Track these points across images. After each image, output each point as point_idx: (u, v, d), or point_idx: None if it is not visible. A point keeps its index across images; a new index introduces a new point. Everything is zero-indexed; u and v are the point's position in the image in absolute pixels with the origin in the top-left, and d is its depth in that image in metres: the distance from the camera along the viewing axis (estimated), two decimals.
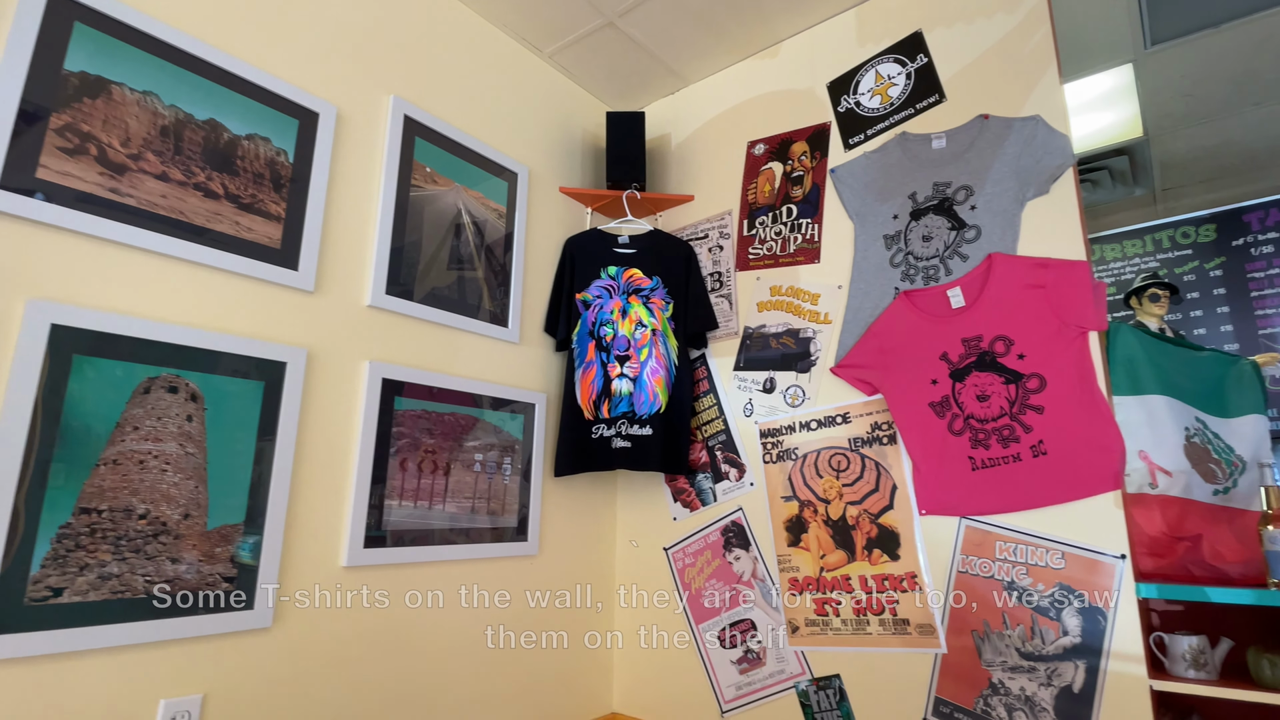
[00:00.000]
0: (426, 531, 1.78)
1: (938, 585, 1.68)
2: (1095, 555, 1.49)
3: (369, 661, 1.61)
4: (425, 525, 1.78)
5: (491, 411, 2.01)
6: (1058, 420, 1.58)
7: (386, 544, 1.68)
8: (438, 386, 1.87)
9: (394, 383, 1.76)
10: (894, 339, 1.85)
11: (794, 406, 2.04)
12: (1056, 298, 1.62)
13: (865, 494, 1.85)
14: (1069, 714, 1.46)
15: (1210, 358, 1.81)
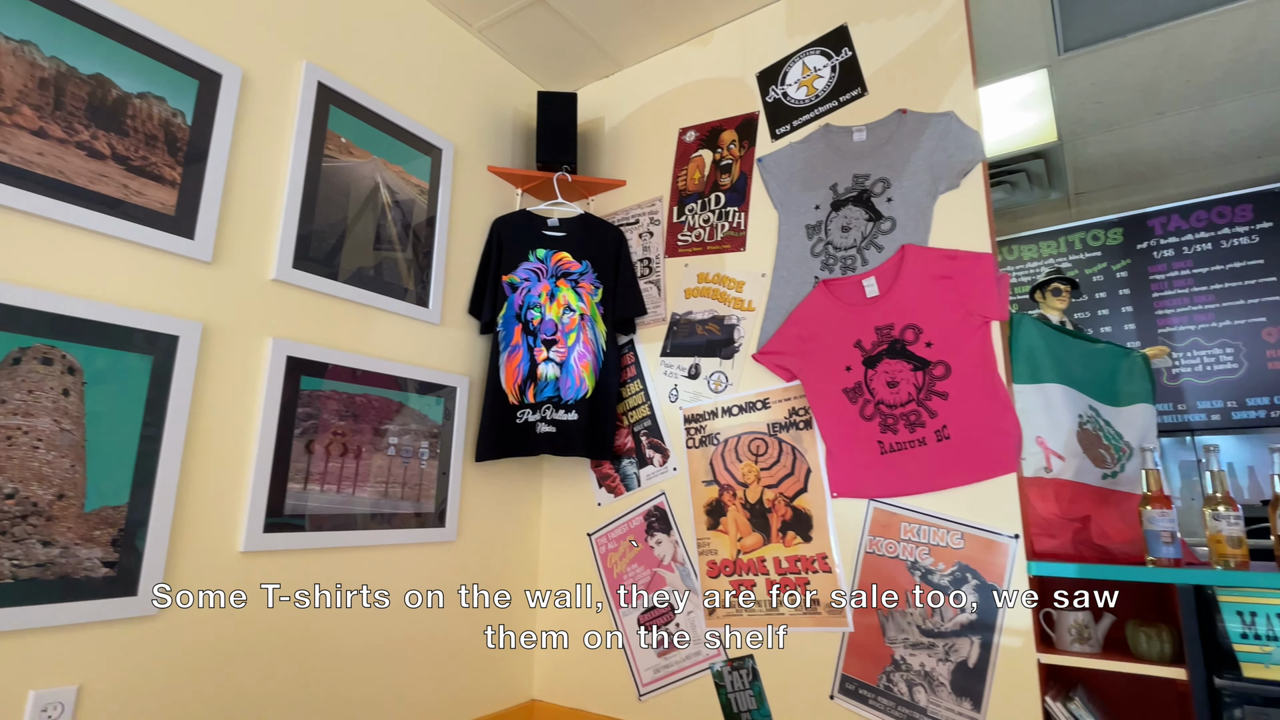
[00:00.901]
0: (336, 517, 1.72)
1: (847, 566, 1.73)
2: (992, 535, 1.55)
3: (269, 653, 1.55)
4: (334, 510, 1.72)
5: (409, 394, 1.95)
6: (961, 406, 1.64)
7: (290, 529, 1.61)
8: (350, 367, 1.80)
9: (300, 361, 1.68)
10: (812, 327, 1.88)
11: (717, 392, 2.06)
12: (963, 288, 1.67)
13: (781, 477, 1.88)
14: (964, 687, 1.52)
15: (1105, 350, 1.92)
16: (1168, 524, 1.41)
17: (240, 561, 1.52)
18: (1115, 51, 2.48)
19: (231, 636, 1.48)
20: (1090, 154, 3.21)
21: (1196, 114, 2.86)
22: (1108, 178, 3.46)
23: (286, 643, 1.58)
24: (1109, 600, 1.62)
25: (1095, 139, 3.06)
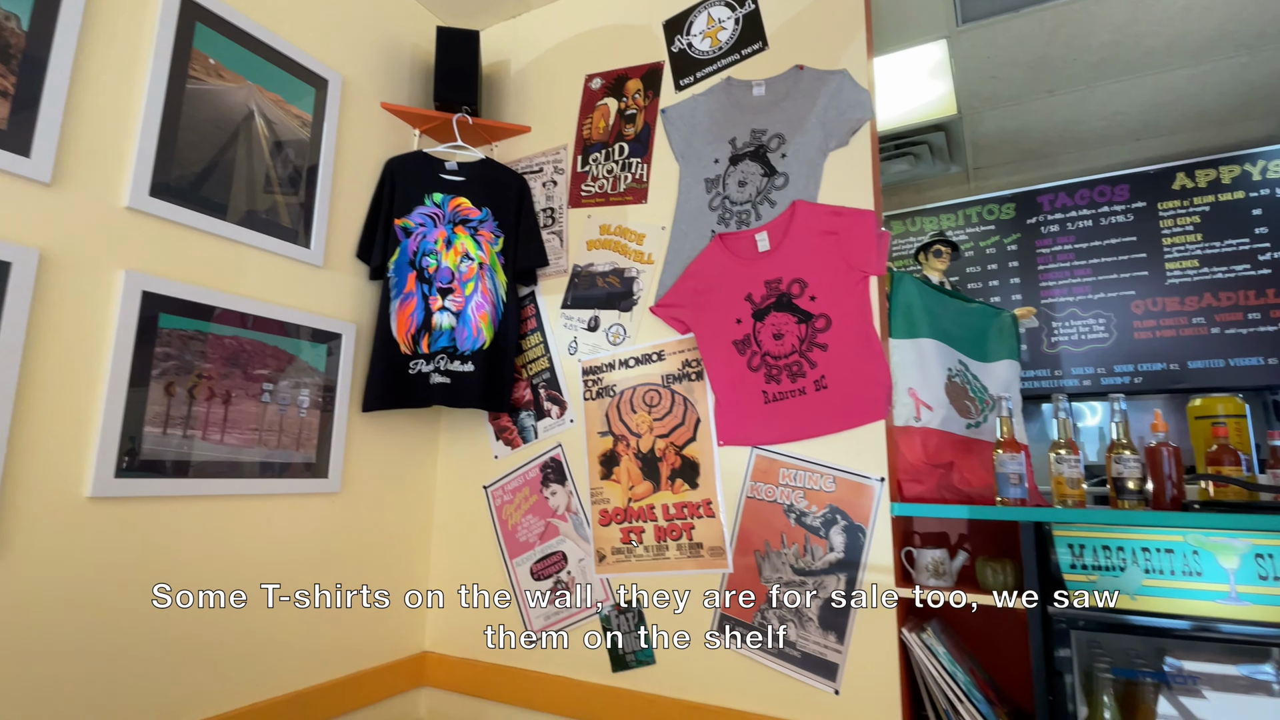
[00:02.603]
0: (203, 464, 1.62)
1: (729, 511, 1.78)
2: (860, 479, 1.63)
3: (120, 602, 1.46)
4: (201, 457, 1.62)
5: (288, 339, 1.86)
6: (838, 357, 1.70)
7: (147, 475, 1.51)
8: (218, 306, 1.69)
9: (158, 297, 1.57)
10: (707, 280, 1.90)
11: (615, 345, 2.06)
12: (846, 244, 1.72)
13: (673, 427, 1.90)
14: (829, 622, 1.60)
15: (978, 309, 2.02)
16: (1016, 467, 1.52)
17: (89, 508, 1.42)
18: (1009, 26, 2.58)
19: (78, 585, 1.39)
20: (987, 129, 3.35)
21: (1082, 94, 3.02)
22: (1003, 154, 3.63)
23: (139, 592, 1.49)
24: (967, 540, 1.74)
25: (991, 114, 3.20)
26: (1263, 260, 3.31)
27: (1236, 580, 1.19)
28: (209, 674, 1.61)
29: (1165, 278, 3.48)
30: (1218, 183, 3.44)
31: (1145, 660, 1.43)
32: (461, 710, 2.10)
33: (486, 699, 2.06)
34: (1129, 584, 1.26)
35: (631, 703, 1.82)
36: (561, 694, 1.93)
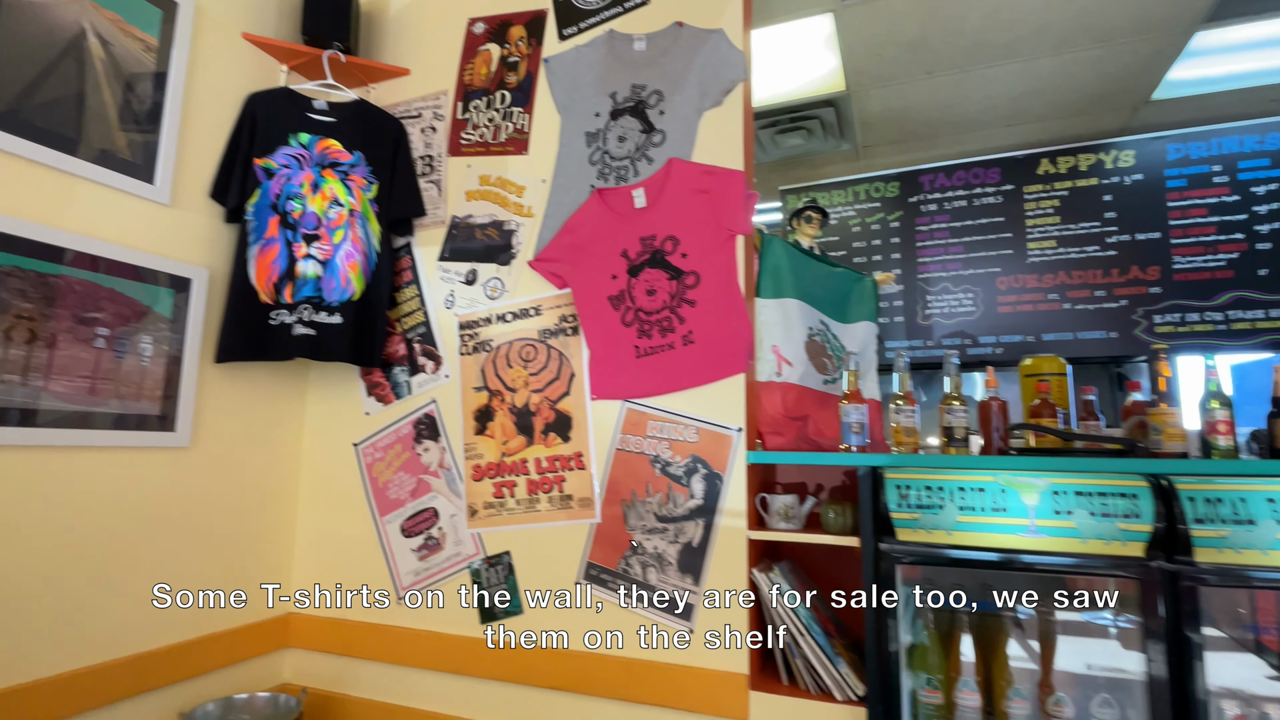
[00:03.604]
0: (18, 411, 1.48)
1: (599, 463, 1.81)
2: (721, 429, 1.69)
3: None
4: (18, 404, 1.48)
5: (128, 281, 1.71)
6: (705, 313, 1.74)
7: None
8: (40, 241, 1.54)
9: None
10: (586, 235, 1.90)
11: (493, 299, 2.03)
12: (716, 203, 1.76)
13: (548, 382, 1.90)
14: (688, 564, 1.67)
15: (842, 274, 2.12)
16: (859, 417, 1.62)
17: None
18: (890, 4, 2.68)
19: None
20: (874, 107, 3.49)
21: (958, 77, 3.20)
22: (889, 133, 3.80)
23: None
24: (821, 488, 1.84)
25: (877, 92, 3.33)
26: (1110, 243, 3.64)
27: (1036, 515, 1.32)
28: (33, 635, 1.49)
29: (1027, 256, 3.77)
30: (1076, 169, 3.73)
31: (964, 592, 1.58)
32: (329, 670, 2.05)
33: (355, 657, 2.02)
34: (945, 520, 1.37)
35: (498, 653, 1.83)
36: (431, 649, 1.92)
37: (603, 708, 1.70)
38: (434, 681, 1.93)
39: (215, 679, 1.88)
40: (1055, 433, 1.53)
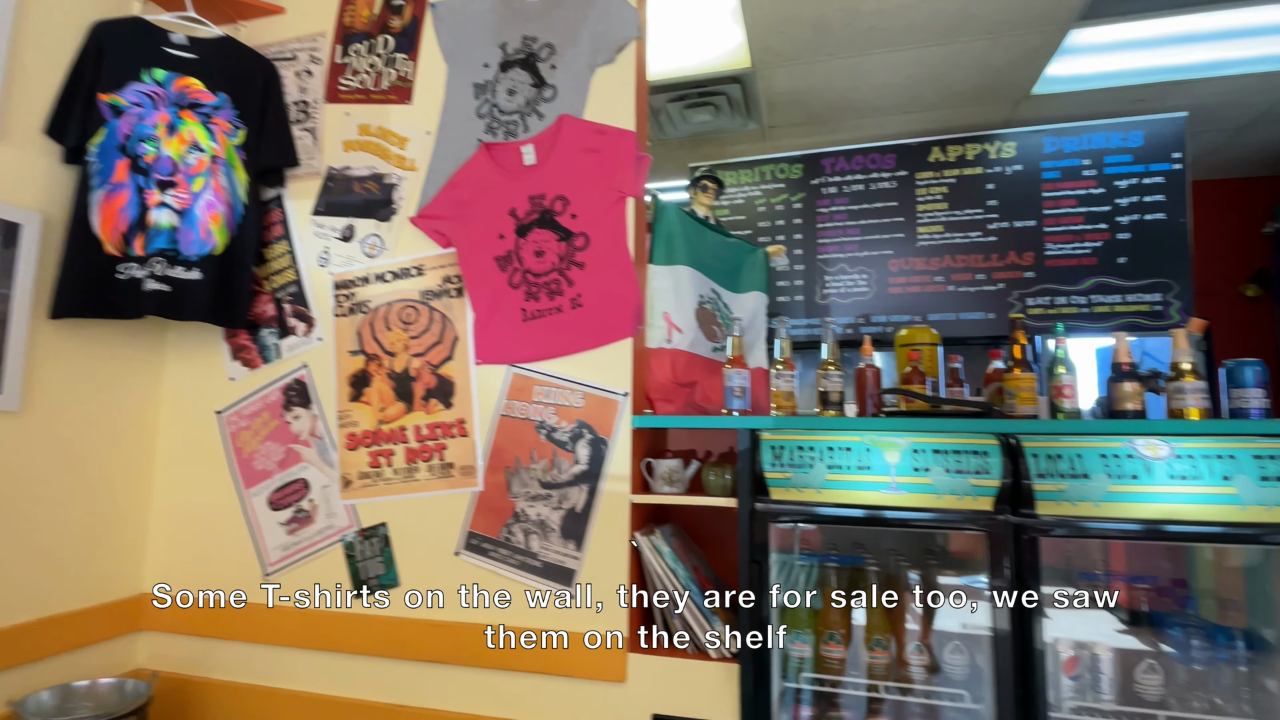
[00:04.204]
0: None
1: (483, 429, 1.75)
2: (607, 394, 1.66)
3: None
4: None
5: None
6: (594, 276, 1.70)
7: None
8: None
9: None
10: (471, 192, 1.81)
11: (371, 257, 1.91)
12: (607, 163, 1.72)
13: (429, 346, 1.82)
14: (571, 531, 1.64)
15: (735, 244, 2.14)
16: (741, 381, 1.63)
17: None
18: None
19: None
20: (779, 86, 3.53)
21: (857, 60, 3.28)
22: (793, 114, 3.86)
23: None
24: (711, 453, 1.86)
25: (782, 71, 3.37)
26: (991, 229, 3.86)
27: (897, 472, 1.37)
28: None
29: (917, 240, 3.95)
30: (964, 158, 3.93)
31: (834, 549, 1.63)
32: (189, 652, 1.91)
33: (217, 638, 1.89)
34: (815, 479, 1.41)
35: (373, 627, 1.75)
36: (300, 626, 1.82)
37: (481, 678, 1.66)
38: (304, 660, 1.83)
39: (55, 665, 1.71)
40: (920, 397, 1.60)
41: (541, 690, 1.62)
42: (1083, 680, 1.37)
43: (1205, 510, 1.23)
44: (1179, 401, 1.40)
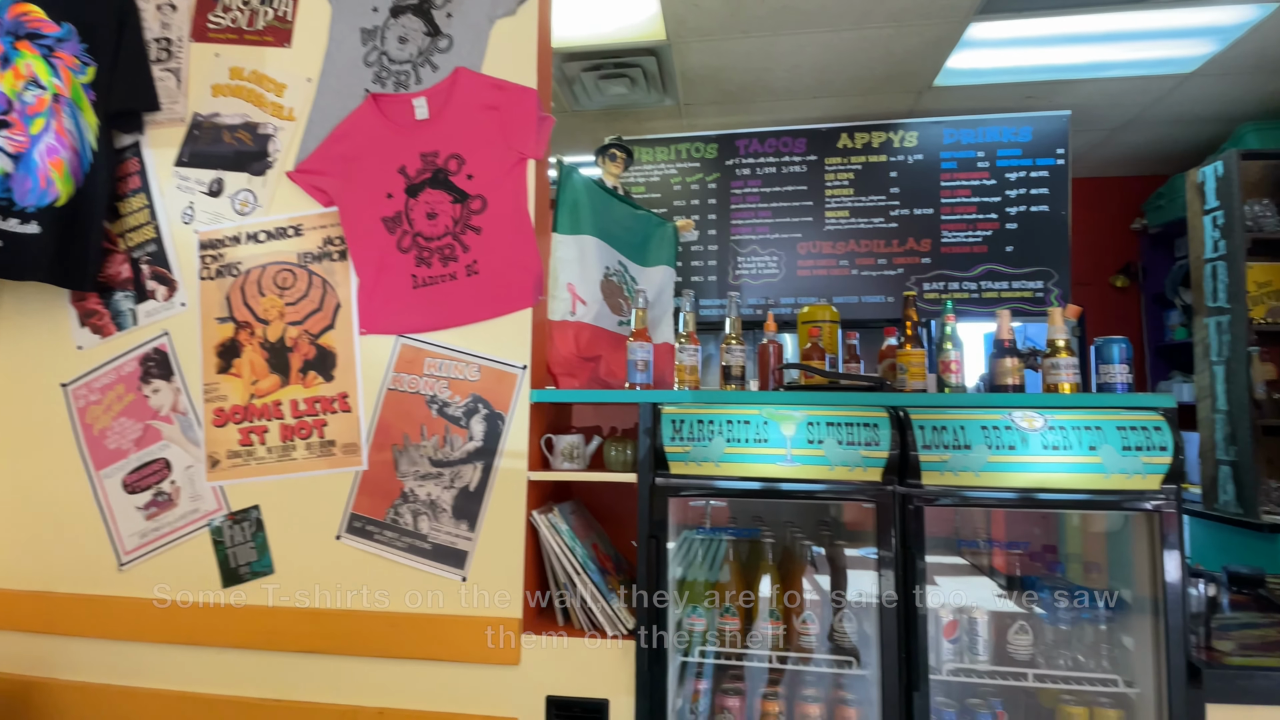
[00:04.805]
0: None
1: (368, 404, 1.63)
2: (505, 367, 1.58)
3: None
4: None
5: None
6: (492, 241, 1.61)
7: None
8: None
9: None
10: (357, 146, 1.67)
11: (243, 214, 1.73)
12: (506, 121, 1.62)
13: (308, 314, 1.67)
14: (463, 510, 1.56)
15: (644, 216, 2.09)
16: (644, 355, 1.59)
17: None
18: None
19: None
20: (694, 61, 3.49)
21: (770, 40, 3.28)
22: (708, 92, 3.84)
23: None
24: (616, 428, 1.81)
25: (697, 46, 3.33)
26: (893, 216, 3.99)
27: (792, 445, 1.38)
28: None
29: (824, 224, 4.04)
30: (870, 146, 4.04)
31: (731, 522, 1.63)
32: (32, 651, 1.70)
33: (66, 635, 1.69)
34: (714, 452, 1.39)
35: (245, 618, 1.61)
36: (162, 620, 1.65)
37: (365, 667, 1.56)
38: (169, 656, 1.66)
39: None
40: (817, 371, 1.61)
41: (430, 677, 1.54)
42: (961, 643, 1.42)
43: (1074, 479, 1.30)
44: (1054, 377, 1.47)
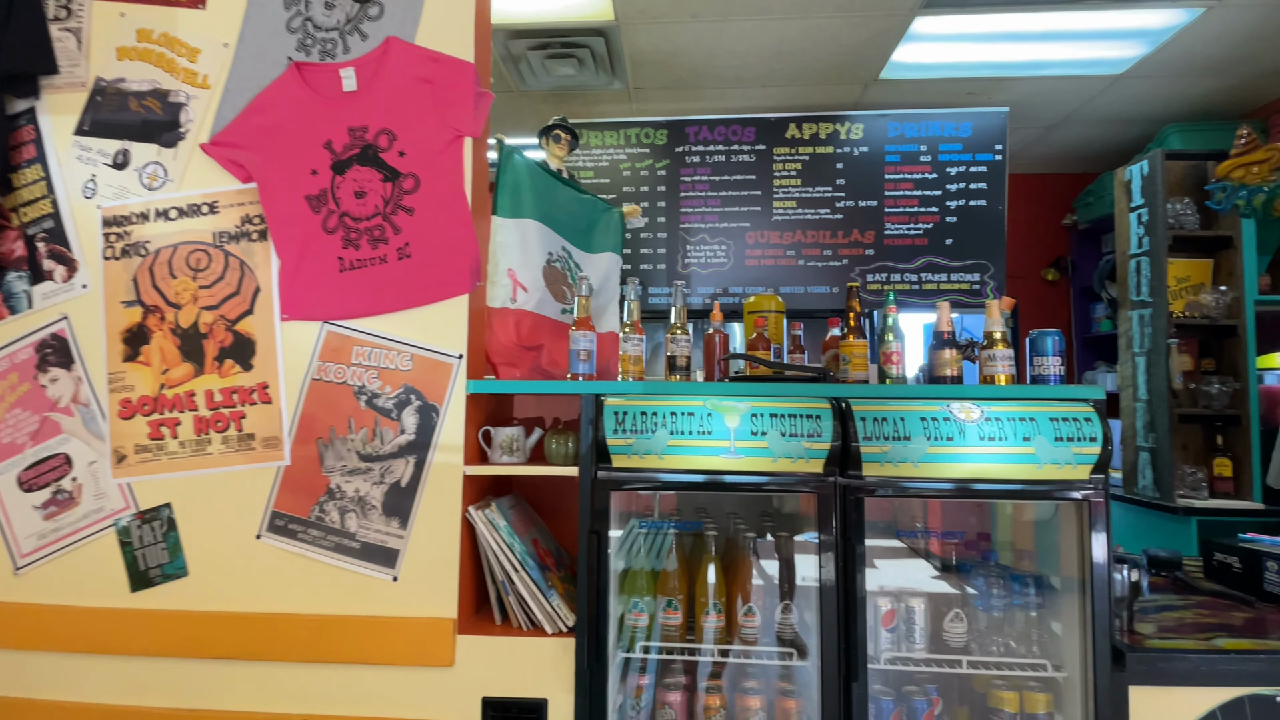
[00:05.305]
0: None
1: (290, 395, 1.53)
2: (439, 356, 1.51)
3: None
4: None
5: None
6: (425, 223, 1.53)
7: None
8: None
9: None
10: (279, 118, 1.56)
11: (152, 189, 1.60)
12: (441, 96, 1.54)
13: (224, 298, 1.56)
14: (394, 507, 1.49)
15: (590, 201, 2.03)
16: (586, 345, 1.55)
17: None
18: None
19: None
20: (643, 44, 3.43)
21: (719, 26, 3.25)
22: (658, 77, 3.79)
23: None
24: (559, 420, 1.76)
25: (646, 28, 3.27)
26: (839, 207, 4.03)
27: (736, 437, 1.35)
28: None
29: (772, 214, 4.05)
30: (817, 137, 4.06)
31: (675, 515, 1.60)
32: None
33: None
34: (657, 444, 1.36)
35: (156, 623, 1.50)
36: (63, 627, 1.52)
37: (289, 673, 1.48)
38: (71, 666, 1.54)
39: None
40: (762, 362, 1.59)
41: (360, 682, 1.46)
42: (898, 631, 1.44)
43: (1009, 469, 1.32)
44: (990, 368, 1.49)
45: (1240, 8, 2.85)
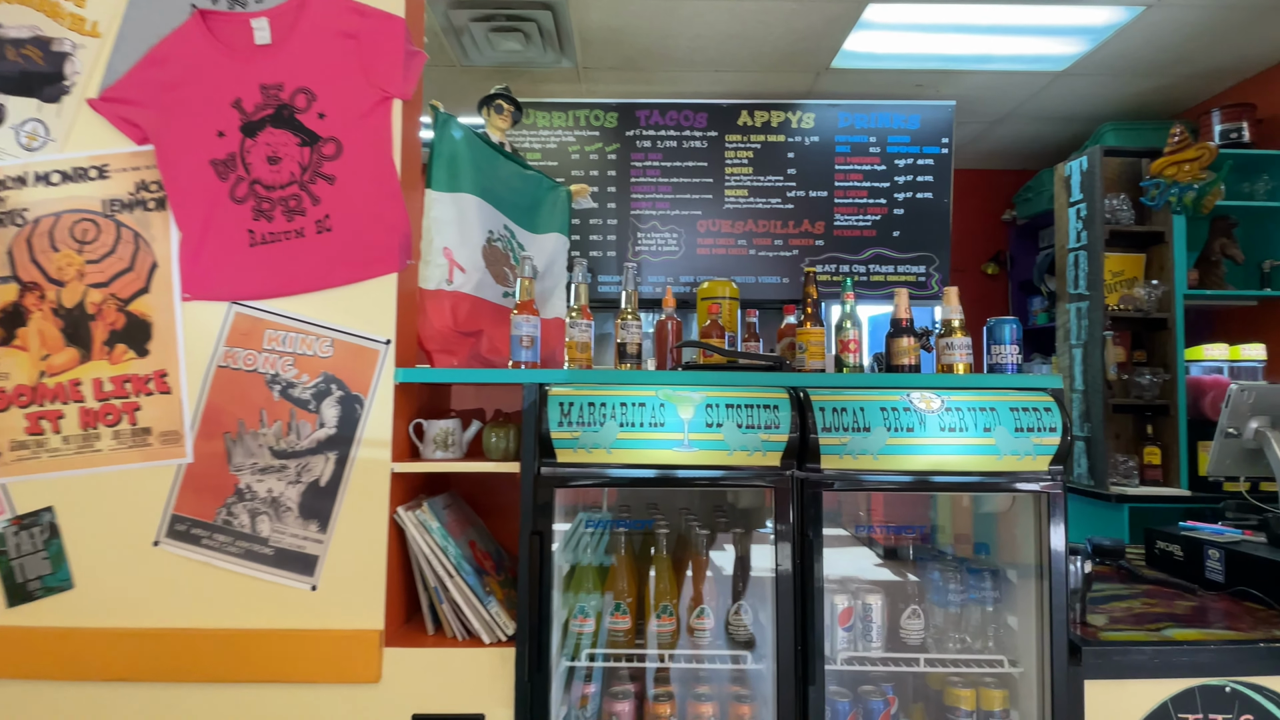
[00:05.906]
0: None
1: (192, 384, 1.36)
2: (364, 341, 1.37)
3: None
4: None
5: None
6: (347, 193, 1.38)
7: None
8: None
9: None
10: (180, 72, 1.38)
11: (30, 150, 1.40)
12: (367, 52, 1.39)
13: (115, 274, 1.38)
14: (313, 509, 1.34)
15: (535, 177, 1.91)
16: (530, 330, 1.43)
17: None
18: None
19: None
20: (593, 20, 3.30)
21: (672, 4, 3.14)
22: (608, 56, 3.66)
23: None
24: (500, 412, 1.64)
25: (596, 4, 3.14)
26: (790, 197, 4.00)
27: (689, 429, 1.27)
28: None
29: (724, 203, 3.99)
30: (769, 125, 4.01)
31: (625, 513, 1.51)
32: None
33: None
34: (605, 438, 1.26)
35: (36, 641, 1.32)
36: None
37: (194, 695, 1.32)
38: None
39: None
40: (717, 350, 1.51)
41: (275, 701, 1.32)
42: (855, 630, 1.38)
43: (969, 461, 1.27)
44: (949, 357, 1.45)
45: (1178, 7, 2.92)
